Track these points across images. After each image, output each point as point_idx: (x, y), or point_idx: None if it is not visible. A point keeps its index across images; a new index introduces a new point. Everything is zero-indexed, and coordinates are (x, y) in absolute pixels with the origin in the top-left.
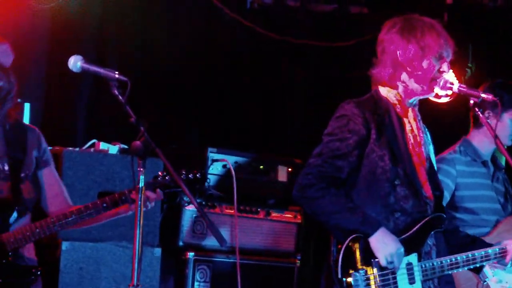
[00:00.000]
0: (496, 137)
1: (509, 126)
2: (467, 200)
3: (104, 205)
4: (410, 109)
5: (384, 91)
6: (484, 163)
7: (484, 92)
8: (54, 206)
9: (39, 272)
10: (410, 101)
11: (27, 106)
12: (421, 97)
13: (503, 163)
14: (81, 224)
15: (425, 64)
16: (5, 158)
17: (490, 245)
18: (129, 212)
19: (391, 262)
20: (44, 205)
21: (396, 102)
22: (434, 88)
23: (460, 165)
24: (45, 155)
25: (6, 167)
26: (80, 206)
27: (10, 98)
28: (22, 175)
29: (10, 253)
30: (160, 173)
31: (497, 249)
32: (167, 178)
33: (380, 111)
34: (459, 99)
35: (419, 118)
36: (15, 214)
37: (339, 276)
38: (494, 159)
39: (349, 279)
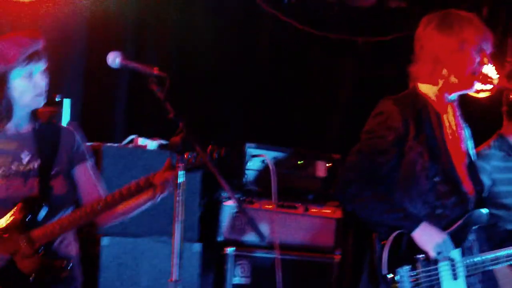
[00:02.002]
0: None
1: None
2: (503, 195)
3: (125, 192)
4: (449, 105)
5: (423, 87)
6: None
7: None
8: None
9: (69, 267)
10: (450, 97)
11: (67, 102)
12: (462, 92)
13: None
14: (108, 216)
15: (465, 58)
16: (36, 156)
17: None
18: (156, 199)
19: (440, 252)
20: (80, 201)
21: (434, 98)
22: (474, 83)
23: (495, 161)
24: (80, 152)
25: (36, 165)
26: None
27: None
28: (53, 172)
29: (40, 249)
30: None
31: None
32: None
33: (419, 107)
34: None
35: (459, 113)
36: (44, 211)
37: (384, 272)
38: None
39: (394, 276)
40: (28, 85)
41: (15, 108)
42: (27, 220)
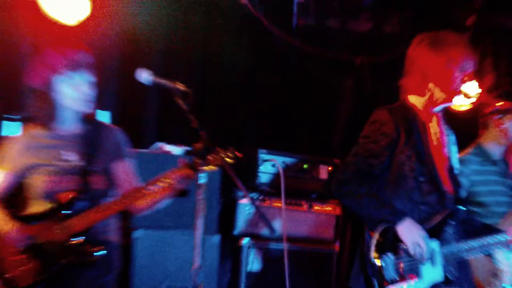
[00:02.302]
0: (509, 138)
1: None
2: (480, 195)
3: (154, 183)
4: (434, 116)
5: (412, 98)
6: (494, 162)
7: (499, 101)
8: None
9: (100, 252)
10: (435, 109)
11: (107, 114)
12: (445, 105)
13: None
14: (140, 206)
15: (450, 74)
16: (78, 155)
17: (499, 232)
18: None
19: (418, 247)
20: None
21: (422, 108)
22: (455, 98)
23: (473, 165)
24: (120, 150)
25: (77, 163)
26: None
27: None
28: (94, 168)
29: (74, 236)
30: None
31: (506, 237)
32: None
33: (409, 117)
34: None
35: (443, 122)
36: (81, 203)
37: (371, 259)
38: (503, 158)
39: (380, 262)
40: (72, 91)
41: (60, 111)
42: (62, 211)
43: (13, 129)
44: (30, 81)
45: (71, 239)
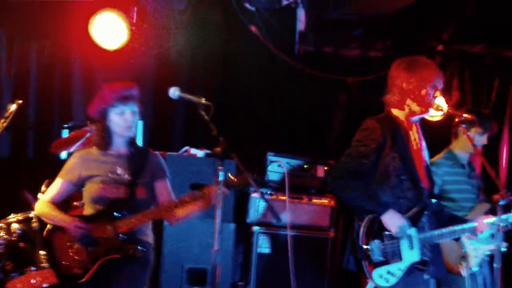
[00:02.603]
0: (474, 145)
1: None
2: (450, 192)
3: (188, 199)
4: (414, 125)
5: (395, 111)
6: (463, 166)
7: (465, 113)
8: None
9: (141, 250)
10: (413, 119)
11: (140, 123)
12: (421, 116)
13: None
14: (173, 217)
15: (423, 92)
16: (127, 171)
17: (466, 221)
18: (207, 207)
19: (399, 232)
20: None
21: (403, 119)
22: (430, 110)
23: (445, 167)
24: (161, 171)
25: (126, 177)
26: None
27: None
28: (138, 182)
29: (121, 235)
30: (230, 175)
31: (472, 225)
32: (234, 180)
33: (394, 126)
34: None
35: (420, 131)
36: (127, 211)
37: (360, 244)
38: (470, 162)
39: (367, 246)
40: (120, 120)
41: (113, 136)
42: (114, 215)
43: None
44: (91, 112)
45: (119, 236)
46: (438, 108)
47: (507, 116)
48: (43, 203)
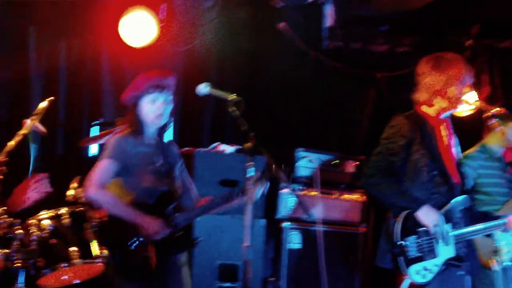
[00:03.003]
0: (507, 139)
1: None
2: (485, 185)
3: (225, 198)
4: (444, 121)
5: (424, 108)
6: (498, 159)
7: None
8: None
9: (197, 241)
10: (443, 115)
11: (171, 120)
12: (450, 112)
13: None
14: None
15: (452, 88)
16: (164, 162)
17: (498, 218)
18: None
19: (436, 228)
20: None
21: (433, 116)
22: (458, 106)
23: (480, 160)
24: (180, 159)
25: (166, 168)
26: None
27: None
28: (175, 175)
29: (178, 231)
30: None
31: (503, 221)
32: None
33: (421, 122)
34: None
35: (451, 127)
36: (174, 204)
37: (396, 240)
38: (502, 156)
39: (404, 243)
40: (151, 108)
41: (145, 125)
42: (167, 210)
43: (95, 132)
44: (123, 99)
45: (176, 233)
46: (468, 103)
47: None
48: (98, 187)
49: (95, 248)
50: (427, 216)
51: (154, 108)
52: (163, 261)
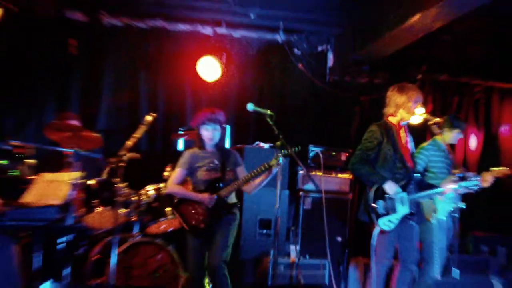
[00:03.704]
0: (443, 140)
1: (452, 136)
2: (433, 167)
3: (258, 170)
4: (403, 127)
5: (390, 118)
6: (443, 150)
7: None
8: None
9: (235, 207)
10: (402, 123)
11: (228, 128)
12: (407, 121)
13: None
14: (249, 187)
15: (409, 105)
16: (219, 162)
17: (437, 187)
18: (269, 176)
19: (395, 194)
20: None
21: (396, 123)
22: (412, 117)
23: (431, 151)
24: (238, 161)
25: (220, 166)
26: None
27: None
28: (227, 168)
29: (221, 198)
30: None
31: (440, 189)
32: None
33: (388, 127)
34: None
35: (407, 130)
36: (222, 184)
37: (370, 203)
38: (446, 148)
39: (375, 204)
40: (205, 134)
41: (204, 142)
42: (216, 186)
43: (181, 140)
44: (192, 125)
45: (223, 198)
46: (418, 116)
47: (470, 120)
48: (173, 185)
49: None
50: (390, 187)
51: (207, 134)
52: (213, 220)
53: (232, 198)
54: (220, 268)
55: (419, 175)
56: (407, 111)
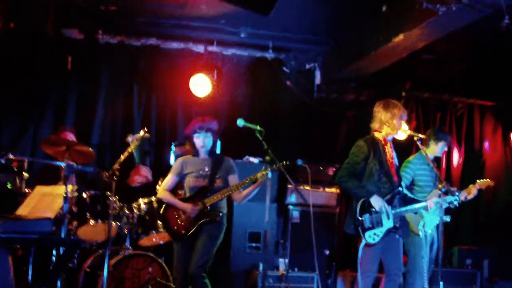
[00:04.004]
0: (426, 155)
1: (438, 149)
2: (419, 180)
3: (244, 182)
4: (388, 142)
5: (376, 134)
6: (427, 163)
7: (421, 134)
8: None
9: (220, 215)
10: (388, 138)
11: (219, 142)
12: (392, 137)
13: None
14: (238, 196)
15: (393, 121)
16: (209, 169)
17: (420, 202)
18: (257, 188)
19: (381, 208)
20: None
21: (381, 139)
22: (398, 132)
23: (417, 164)
24: (231, 169)
25: (209, 173)
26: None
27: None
28: (217, 176)
29: (207, 207)
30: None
31: (424, 204)
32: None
33: (374, 143)
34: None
35: (392, 146)
36: (210, 193)
37: (357, 216)
38: (431, 161)
39: (361, 218)
40: (197, 141)
41: (199, 150)
42: (203, 194)
43: (172, 150)
44: (185, 133)
45: (207, 207)
46: (403, 131)
47: (453, 136)
48: (164, 191)
49: None
50: (376, 201)
51: (199, 141)
52: (195, 228)
53: (221, 207)
54: (197, 275)
55: (404, 189)
56: (392, 127)
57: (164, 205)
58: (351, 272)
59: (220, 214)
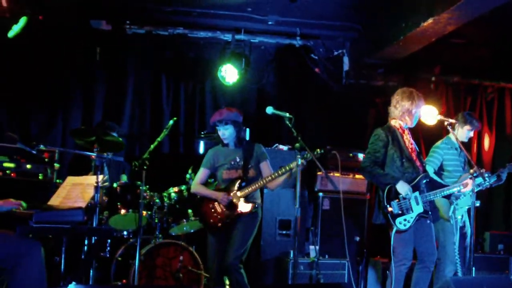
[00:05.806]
0: (457, 138)
1: (464, 134)
2: (447, 165)
3: (278, 173)
4: (406, 130)
5: (393, 122)
6: (456, 148)
7: (451, 118)
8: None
9: (256, 207)
10: (404, 126)
11: (248, 130)
12: (410, 126)
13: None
14: (272, 185)
15: (413, 111)
16: (242, 158)
17: (449, 186)
18: (290, 178)
19: (407, 194)
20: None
21: (399, 127)
22: (414, 122)
23: (445, 149)
24: (262, 156)
25: (242, 163)
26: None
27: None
28: (249, 166)
29: (241, 198)
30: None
31: (459, 187)
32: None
33: (392, 130)
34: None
35: (409, 133)
36: (244, 183)
37: (384, 204)
38: (460, 146)
39: (389, 205)
40: (220, 134)
41: (224, 140)
42: (238, 186)
43: (202, 143)
44: (212, 121)
45: (242, 199)
46: (433, 117)
47: (483, 120)
48: (196, 185)
49: None
50: (402, 187)
51: (220, 134)
52: (230, 220)
53: (255, 197)
54: (233, 266)
55: (432, 174)
56: (411, 118)
57: (199, 199)
58: (382, 259)
59: (256, 205)
